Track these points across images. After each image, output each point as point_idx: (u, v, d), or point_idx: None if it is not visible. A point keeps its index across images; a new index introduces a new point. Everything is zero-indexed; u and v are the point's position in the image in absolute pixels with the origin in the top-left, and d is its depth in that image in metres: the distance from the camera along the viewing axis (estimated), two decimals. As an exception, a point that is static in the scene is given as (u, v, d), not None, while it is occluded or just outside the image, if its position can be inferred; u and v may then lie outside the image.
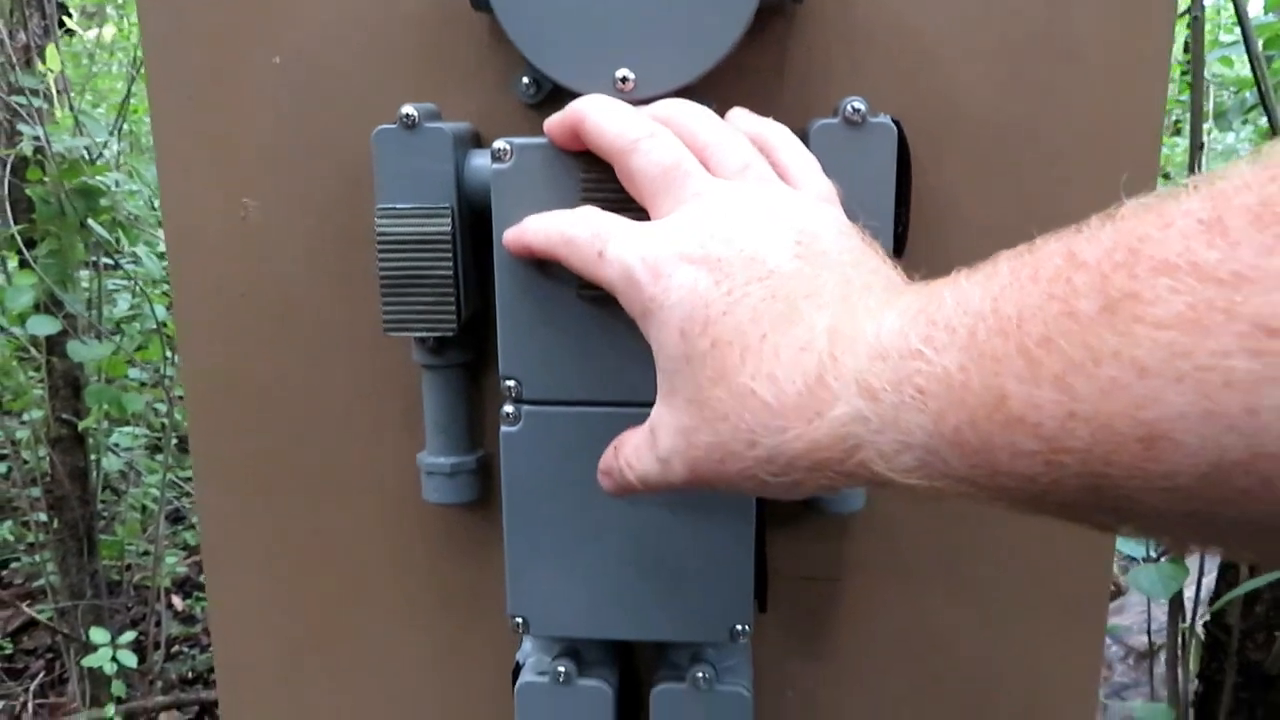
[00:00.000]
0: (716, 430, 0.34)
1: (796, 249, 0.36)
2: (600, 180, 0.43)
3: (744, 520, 0.47)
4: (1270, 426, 0.21)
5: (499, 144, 0.44)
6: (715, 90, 0.46)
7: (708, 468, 0.35)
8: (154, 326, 2.12)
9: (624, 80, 0.44)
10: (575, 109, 0.42)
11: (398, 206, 0.46)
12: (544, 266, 0.44)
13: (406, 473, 0.54)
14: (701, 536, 0.47)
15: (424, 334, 0.47)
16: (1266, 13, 2.37)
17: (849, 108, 0.44)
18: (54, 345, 1.94)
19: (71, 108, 1.91)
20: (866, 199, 0.44)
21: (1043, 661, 0.54)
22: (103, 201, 1.88)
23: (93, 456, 2.11)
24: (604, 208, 0.41)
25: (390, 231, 0.46)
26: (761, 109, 0.45)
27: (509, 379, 0.46)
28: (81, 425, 1.99)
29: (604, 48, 0.44)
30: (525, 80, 0.49)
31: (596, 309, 0.44)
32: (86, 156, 1.91)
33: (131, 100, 2.38)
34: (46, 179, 1.77)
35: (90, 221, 1.84)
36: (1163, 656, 1.14)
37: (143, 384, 2.29)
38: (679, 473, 0.37)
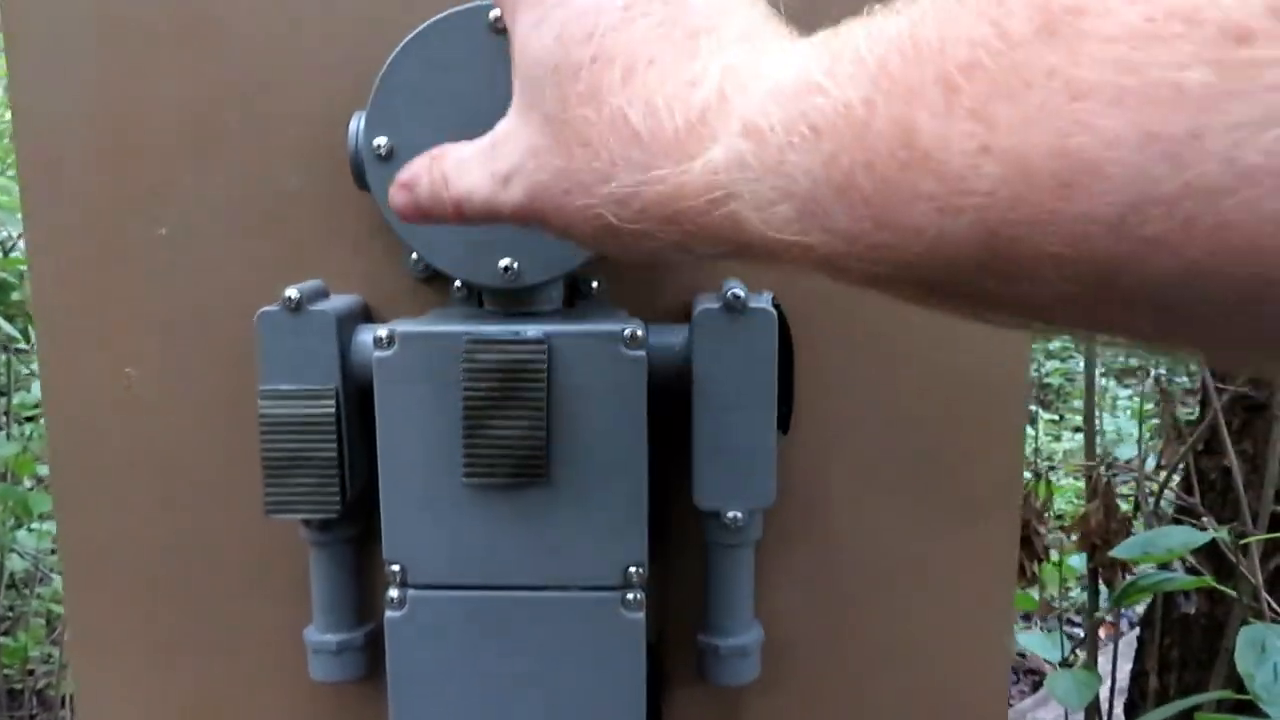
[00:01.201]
0: (571, 155, 0.30)
1: None
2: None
3: (635, 699, 0.46)
4: (1212, 153, 0.18)
5: (381, 331, 0.44)
6: (601, 270, 0.47)
7: (549, 200, 0.31)
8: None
9: (506, 270, 0.44)
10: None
11: (281, 388, 0.46)
12: (429, 452, 0.44)
13: (295, 645, 0.52)
14: (590, 717, 0.46)
15: (307, 516, 0.47)
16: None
17: (730, 294, 0.45)
18: (-44, 444, 1.86)
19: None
20: (750, 381, 0.45)
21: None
22: (14, 295, 1.84)
23: (-4, 558, 2.02)
24: (490, 387, 0.43)
25: (273, 413, 0.46)
26: (649, 286, 0.46)
27: (394, 564, 0.45)
28: (-16, 528, 1.91)
29: (485, 238, 0.44)
30: (415, 256, 0.49)
31: (482, 495, 0.44)
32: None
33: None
34: (-47, 275, 1.73)
35: (-2, 319, 1.79)
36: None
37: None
38: (515, 197, 0.32)
